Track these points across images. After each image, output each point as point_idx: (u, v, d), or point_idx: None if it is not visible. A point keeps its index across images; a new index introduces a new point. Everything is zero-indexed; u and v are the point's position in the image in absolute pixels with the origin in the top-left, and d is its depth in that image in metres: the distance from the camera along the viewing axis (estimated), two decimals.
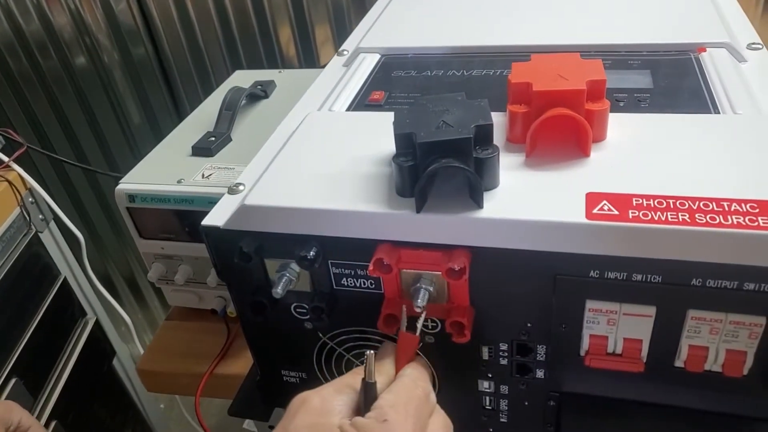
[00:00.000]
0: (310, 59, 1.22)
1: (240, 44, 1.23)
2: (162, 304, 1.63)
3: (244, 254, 0.44)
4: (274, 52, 1.22)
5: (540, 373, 0.46)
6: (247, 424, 1.41)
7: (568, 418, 0.47)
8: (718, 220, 0.36)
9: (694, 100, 0.50)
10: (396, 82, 0.59)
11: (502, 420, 0.50)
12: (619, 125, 0.46)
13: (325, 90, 0.60)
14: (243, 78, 0.85)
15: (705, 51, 0.56)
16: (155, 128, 1.36)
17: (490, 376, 0.47)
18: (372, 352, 0.39)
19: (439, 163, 0.38)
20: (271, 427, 0.74)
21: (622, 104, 0.51)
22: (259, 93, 0.79)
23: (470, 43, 0.63)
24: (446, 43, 0.64)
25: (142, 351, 0.89)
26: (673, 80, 0.53)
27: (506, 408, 0.49)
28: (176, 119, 1.34)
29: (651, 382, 0.43)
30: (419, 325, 0.41)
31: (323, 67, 0.67)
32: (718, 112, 0.48)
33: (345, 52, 0.67)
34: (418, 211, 0.40)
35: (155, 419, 1.16)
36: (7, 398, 0.80)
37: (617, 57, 0.57)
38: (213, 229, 0.45)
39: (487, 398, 0.49)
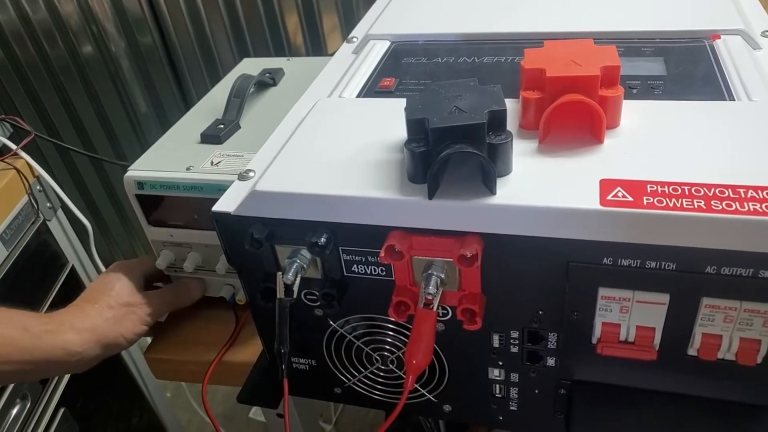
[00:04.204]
0: (318, 48, 1.22)
1: (247, 33, 1.22)
2: None
3: (254, 240, 0.43)
4: (282, 41, 1.22)
5: (551, 361, 0.46)
6: (254, 413, 1.42)
7: (579, 406, 0.46)
8: (734, 207, 0.36)
9: (708, 87, 0.49)
10: (406, 68, 0.59)
11: (512, 408, 0.50)
12: (633, 112, 0.45)
13: (335, 77, 0.60)
14: (251, 66, 0.85)
15: (719, 38, 0.56)
16: (162, 117, 1.36)
17: (500, 363, 0.47)
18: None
19: (452, 149, 0.38)
20: (280, 415, 0.74)
21: (635, 91, 0.50)
22: (268, 81, 0.78)
23: (481, 30, 0.63)
24: (457, 29, 0.63)
25: (149, 339, 0.90)
26: (686, 67, 0.53)
27: (516, 396, 0.49)
28: (183, 108, 1.34)
29: (663, 370, 0.43)
30: (434, 305, 0.41)
31: (331, 55, 0.66)
32: (733, 99, 0.47)
33: (354, 39, 0.66)
34: (430, 198, 0.39)
35: (162, 407, 1.17)
36: (16, 385, 0.80)
37: (630, 44, 0.57)
38: (223, 216, 0.45)
39: (497, 386, 0.49)
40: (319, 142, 0.48)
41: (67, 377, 0.91)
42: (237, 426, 1.45)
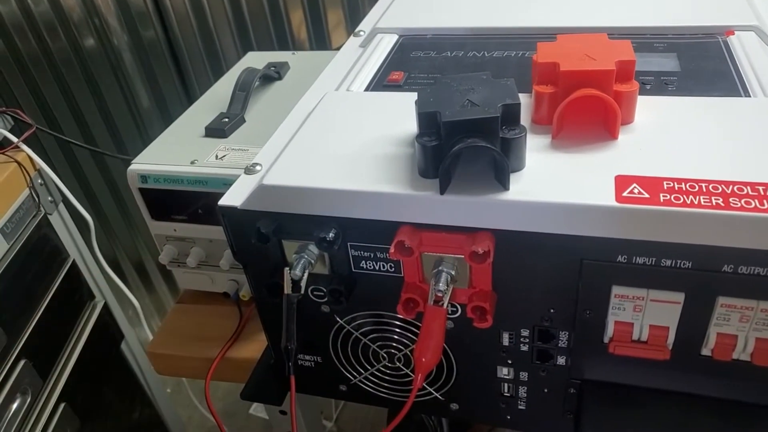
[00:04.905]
0: (322, 42, 1.21)
1: (251, 27, 1.21)
2: (170, 289, 1.63)
3: (262, 235, 0.43)
4: (286, 35, 1.21)
5: (561, 360, 0.45)
6: (254, 409, 1.42)
7: (589, 405, 0.46)
8: (753, 205, 0.35)
9: (723, 83, 0.49)
10: (414, 62, 0.58)
11: (520, 407, 0.49)
12: (647, 108, 0.45)
13: (342, 70, 0.59)
14: (256, 59, 0.84)
15: (733, 34, 0.55)
16: (164, 111, 1.35)
17: (509, 362, 0.46)
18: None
19: (464, 143, 0.37)
20: (282, 412, 0.73)
21: (648, 87, 0.49)
22: (273, 74, 0.78)
23: (490, 24, 0.62)
24: (466, 24, 0.62)
25: (150, 335, 0.89)
26: (700, 63, 0.52)
27: (525, 395, 0.48)
28: (185, 102, 1.33)
29: (676, 370, 0.42)
30: (445, 303, 0.41)
31: (336, 49, 0.66)
32: (749, 96, 0.47)
33: (361, 33, 0.66)
34: (442, 193, 0.39)
35: (162, 402, 1.16)
36: (16, 380, 0.79)
37: (642, 40, 0.56)
38: (230, 210, 0.44)
39: (506, 385, 0.48)
40: (327, 135, 0.47)
41: (67, 372, 0.90)
42: (237, 422, 1.44)
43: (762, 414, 0.42)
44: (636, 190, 0.37)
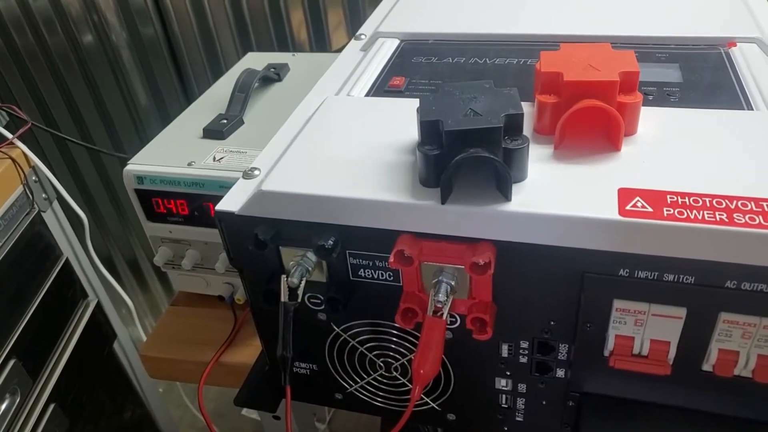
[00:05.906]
0: (322, 44, 1.20)
1: (251, 27, 1.21)
2: (164, 288, 1.62)
3: (259, 241, 0.42)
4: (286, 36, 1.20)
5: (560, 373, 0.44)
6: (246, 410, 1.41)
7: (588, 419, 0.45)
8: (757, 221, 0.35)
9: (725, 96, 0.48)
10: (416, 68, 0.57)
11: (517, 419, 0.48)
12: (650, 119, 0.44)
13: (343, 74, 0.58)
14: (255, 60, 0.83)
15: (735, 46, 0.55)
16: (162, 110, 1.34)
17: (508, 374, 0.46)
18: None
19: (467, 153, 0.37)
20: (276, 417, 0.73)
21: (651, 98, 0.49)
22: (273, 76, 0.77)
23: (492, 30, 0.62)
24: (468, 30, 0.62)
25: (143, 334, 0.88)
26: (703, 75, 0.52)
27: (523, 407, 0.48)
28: (184, 101, 1.32)
29: (677, 385, 0.41)
30: (444, 314, 0.40)
31: (336, 51, 0.65)
32: (752, 109, 0.46)
33: (363, 37, 0.65)
34: (443, 202, 0.38)
35: (154, 403, 1.15)
36: (5, 380, 0.78)
37: (643, 50, 0.56)
38: (227, 215, 0.44)
39: (504, 396, 0.48)
40: (327, 141, 0.46)
41: (58, 371, 0.89)
42: (229, 423, 1.44)
43: (762, 430, 0.42)
44: (639, 204, 0.37)
